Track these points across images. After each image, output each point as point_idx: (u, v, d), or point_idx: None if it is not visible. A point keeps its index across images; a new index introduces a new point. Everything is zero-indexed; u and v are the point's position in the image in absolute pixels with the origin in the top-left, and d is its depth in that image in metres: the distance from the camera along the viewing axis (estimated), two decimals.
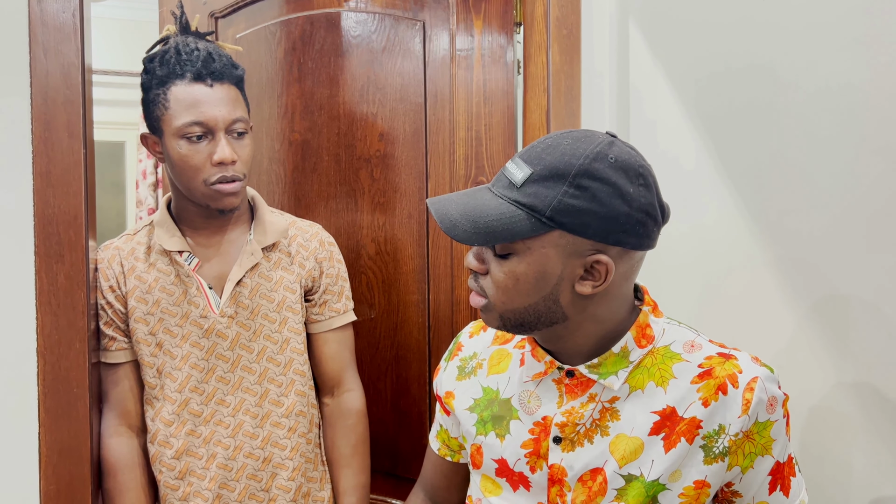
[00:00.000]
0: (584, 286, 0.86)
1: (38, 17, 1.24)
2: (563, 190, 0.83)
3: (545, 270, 0.85)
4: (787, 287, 1.21)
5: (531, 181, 0.84)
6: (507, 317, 0.90)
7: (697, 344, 0.94)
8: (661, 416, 0.91)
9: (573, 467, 0.93)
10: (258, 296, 1.37)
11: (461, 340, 1.11)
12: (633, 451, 0.91)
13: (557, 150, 0.85)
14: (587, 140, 0.85)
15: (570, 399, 0.94)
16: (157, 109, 1.29)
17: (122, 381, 1.36)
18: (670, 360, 0.93)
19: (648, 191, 0.86)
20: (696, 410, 0.90)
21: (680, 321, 0.99)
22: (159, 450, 1.35)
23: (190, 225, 1.37)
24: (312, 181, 1.74)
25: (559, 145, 0.85)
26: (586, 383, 0.93)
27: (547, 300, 0.87)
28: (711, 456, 0.90)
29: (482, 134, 1.58)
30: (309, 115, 1.73)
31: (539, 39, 1.53)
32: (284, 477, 1.38)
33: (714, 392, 0.90)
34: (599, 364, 0.92)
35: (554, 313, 0.89)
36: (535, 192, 0.83)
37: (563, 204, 0.82)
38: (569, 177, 0.83)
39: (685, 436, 0.90)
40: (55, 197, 1.25)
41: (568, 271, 0.86)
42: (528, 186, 0.84)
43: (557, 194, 0.83)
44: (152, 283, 1.34)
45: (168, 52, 1.29)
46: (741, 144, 1.27)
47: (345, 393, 1.47)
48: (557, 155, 0.84)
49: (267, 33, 1.78)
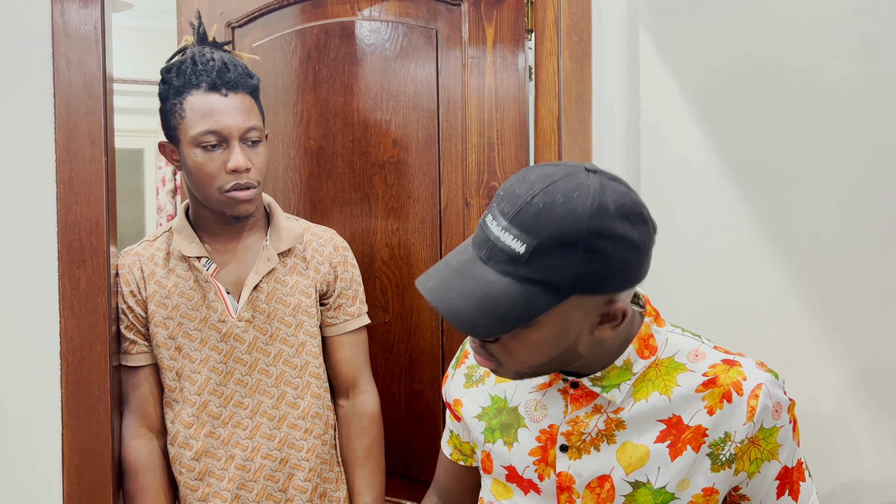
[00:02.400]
0: (604, 330, 0.85)
1: (62, 29, 1.27)
2: (578, 259, 0.77)
3: (565, 332, 0.83)
4: (796, 287, 1.21)
5: (538, 255, 0.78)
6: (523, 372, 0.89)
7: (701, 352, 0.94)
8: (666, 425, 0.91)
9: (581, 475, 0.93)
10: (274, 300, 1.39)
11: (467, 348, 1.11)
12: (640, 458, 0.91)
13: (554, 212, 0.78)
14: (580, 193, 0.79)
15: (574, 409, 0.94)
16: (173, 119, 1.32)
17: (143, 383, 1.39)
18: (675, 370, 0.93)
19: (646, 226, 0.83)
20: (702, 419, 0.90)
21: (683, 328, 0.99)
22: (179, 451, 1.38)
23: (208, 231, 1.39)
24: (327, 187, 1.76)
25: (553, 205, 0.78)
26: (591, 394, 0.94)
27: (565, 353, 0.86)
28: (718, 463, 0.90)
29: (494, 140, 1.60)
30: (324, 122, 1.76)
31: (550, 46, 1.55)
32: (301, 478, 1.40)
33: (719, 400, 0.90)
34: (603, 377, 0.92)
35: (570, 359, 0.88)
36: (546, 265, 0.78)
37: (580, 273, 0.78)
38: (579, 244, 0.77)
39: (691, 444, 0.90)
40: (77, 204, 1.28)
41: (586, 325, 0.84)
42: (535, 261, 0.78)
43: (572, 264, 0.78)
44: (171, 289, 1.37)
45: (184, 62, 1.32)
46: (750, 146, 1.28)
47: (360, 395, 1.49)
48: (558, 219, 0.77)
49: (282, 42, 1.81)
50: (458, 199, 1.64)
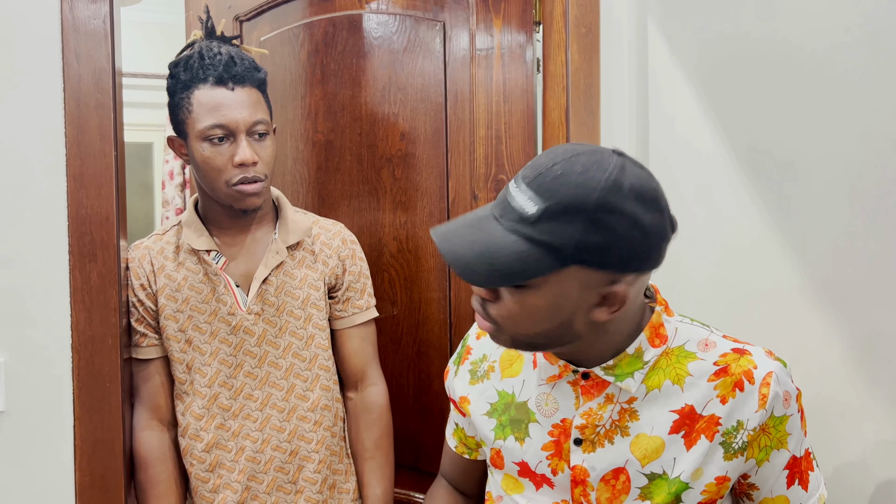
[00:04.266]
0: (601, 313, 0.85)
1: (71, 23, 1.28)
2: (583, 227, 0.79)
3: (561, 302, 0.84)
4: (805, 277, 1.21)
5: (546, 217, 0.79)
6: (519, 339, 0.89)
7: (711, 341, 0.95)
8: (680, 415, 0.92)
9: (595, 468, 0.94)
10: (284, 293, 1.40)
11: (469, 343, 1.11)
12: (655, 449, 0.92)
13: (569, 180, 0.79)
14: (599, 167, 0.80)
15: (586, 400, 0.95)
16: (181, 113, 1.33)
17: (153, 376, 1.40)
18: (685, 359, 0.93)
19: (662, 215, 0.83)
20: (715, 408, 0.90)
21: (693, 318, 0.99)
22: (190, 443, 1.39)
23: (216, 224, 1.40)
24: (336, 181, 1.77)
25: (570, 174, 0.80)
26: (602, 384, 0.94)
27: (560, 327, 0.86)
28: (731, 452, 0.91)
29: (502, 132, 1.60)
30: (332, 115, 1.76)
31: (558, 38, 1.54)
32: (311, 469, 1.41)
33: (731, 389, 0.90)
34: (615, 365, 0.92)
35: (566, 336, 0.88)
36: (552, 229, 0.79)
37: (582, 242, 0.79)
38: (587, 212, 0.78)
39: (705, 433, 0.90)
40: (88, 198, 1.29)
41: (584, 301, 0.84)
42: (542, 223, 0.79)
43: (576, 232, 0.79)
44: (181, 282, 1.38)
45: (192, 57, 1.32)
46: (760, 136, 1.28)
47: (368, 387, 1.50)
48: (571, 187, 0.79)
49: (290, 36, 1.81)
50: (466, 192, 1.64)
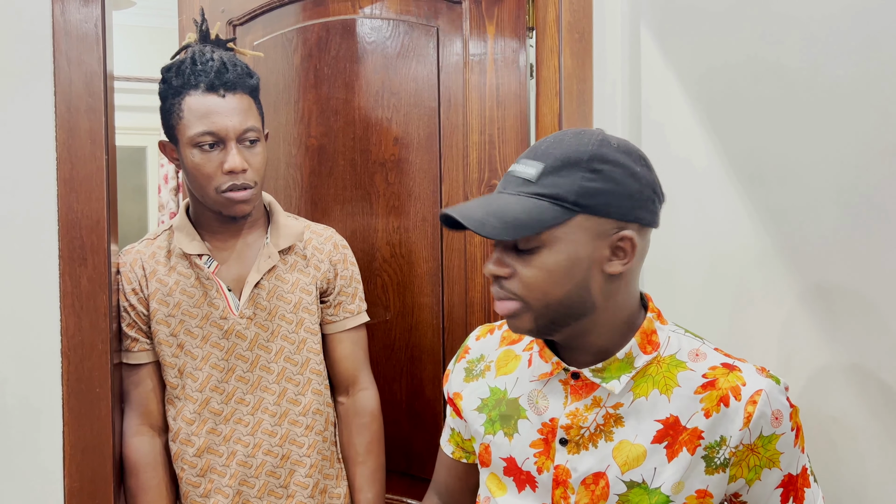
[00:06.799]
0: (614, 265, 0.89)
1: (62, 27, 1.27)
2: (581, 175, 0.86)
3: (576, 256, 0.87)
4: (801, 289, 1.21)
5: (546, 174, 0.87)
6: (542, 313, 0.89)
7: (702, 353, 0.94)
8: (664, 425, 0.91)
9: (577, 470, 0.94)
10: (275, 297, 1.40)
11: (468, 343, 1.12)
12: (636, 457, 0.91)
13: (562, 143, 0.89)
14: (587, 133, 0.91)
15: (574, 401, 0.95)
16: (172, 118, 1.32)
17: (144, 381, 1.40)
18: (676, 368, 0.93)
19: (650, 171, 0.92)
20: (699, 421, 0.90)
21: (686, 329, 0.99)
22: (181, 448, 1.38)
23: (208, 229, 1.40)
24: (328, 185, 1.77)
25: (562, 140, 0.90)
26: (591, 386, 0.94)
27: (579, 287, 0.88)
28: (713, 467, 0.90)
29: (495, 137, 1.60)
30: (325, 120, 1.76)
31: (551, 44, 1.55)
32: (302, 473, 1.41)
33: (716, 403, 0.90)
34: (604, 368, 0.93)
35: (585, 302, 0.89)
36: (553, 182, 0.87)
37: (583, 188, 0.86)
38: (583, 163, 0.87)
39: (687, 446, 0.90)
40: (78, 202, 1.28)
41: (597, 254, 0.88)
42: (544, 179, 0.87)
43: (576, 180, 0.86)
44: (173, 286, 1.37)
45: (184, 62, 1.32)
46: (752, 145, 1.28)
47: (359, 392, 1.49)
48: (564, 147, 0.88)
49: (284, 40, 1.81)
50: (460, 197, 1.64)
